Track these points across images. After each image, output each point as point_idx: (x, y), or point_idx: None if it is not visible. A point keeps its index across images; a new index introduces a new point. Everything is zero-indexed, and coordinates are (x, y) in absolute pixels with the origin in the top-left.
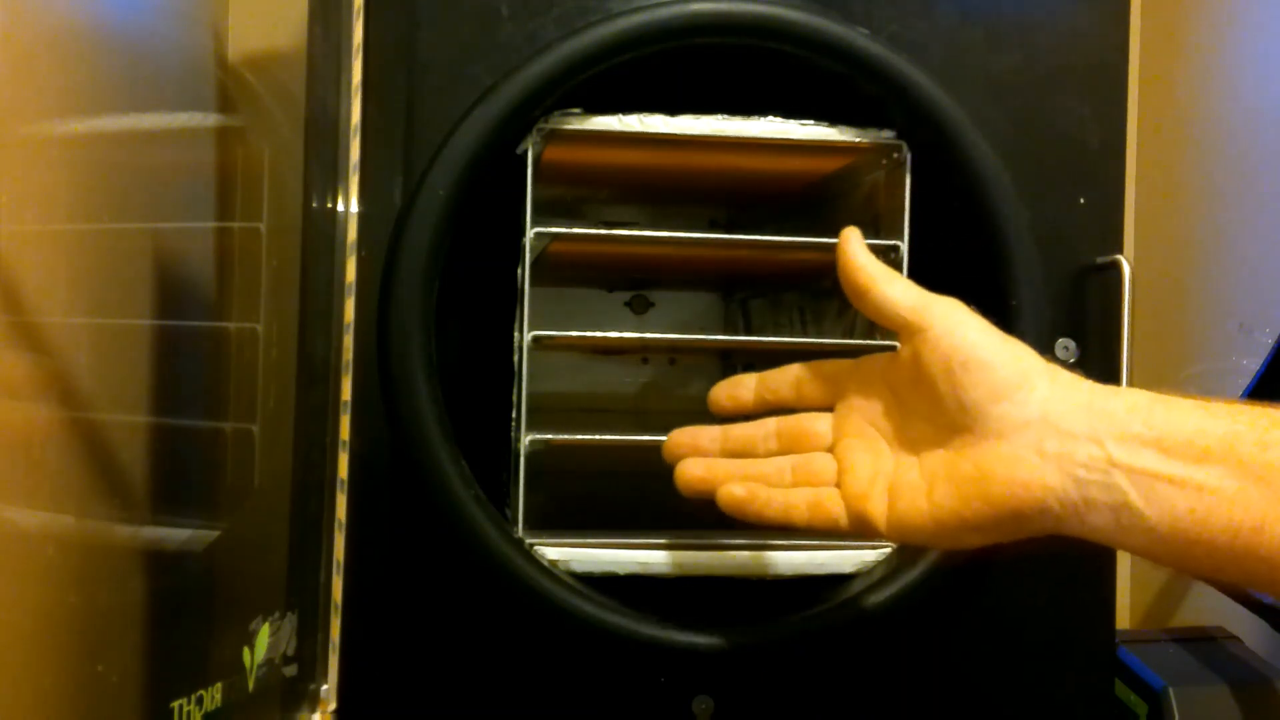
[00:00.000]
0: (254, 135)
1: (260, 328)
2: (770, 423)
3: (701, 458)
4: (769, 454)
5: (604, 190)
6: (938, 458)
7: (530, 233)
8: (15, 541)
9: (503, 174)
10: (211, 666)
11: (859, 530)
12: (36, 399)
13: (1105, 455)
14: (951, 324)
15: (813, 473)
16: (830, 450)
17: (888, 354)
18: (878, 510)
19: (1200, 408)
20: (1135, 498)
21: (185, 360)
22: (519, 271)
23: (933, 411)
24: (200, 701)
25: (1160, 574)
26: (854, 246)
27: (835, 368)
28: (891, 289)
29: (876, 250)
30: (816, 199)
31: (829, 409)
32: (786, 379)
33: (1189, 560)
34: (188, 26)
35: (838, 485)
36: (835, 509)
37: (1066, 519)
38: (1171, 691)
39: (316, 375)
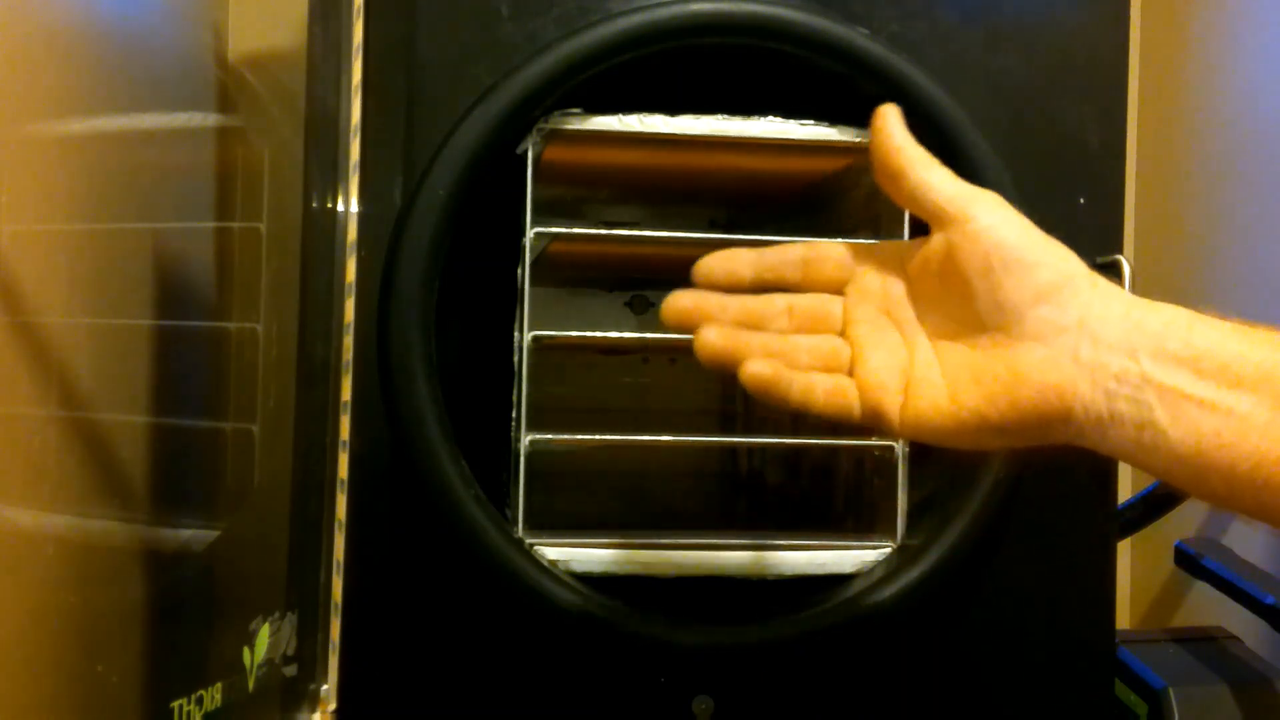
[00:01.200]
0: (254, 135)
1: (260, 328)
2: (781, 299)
3: (722, 327)
4: (782, 332)
5: (604, 190)
6: (962, 354)
7: (530, 233)
8: (15, 541)
9: (503, 174)
10: (211, 666)
11: (871, 422)
12: (36, 399)
13: (1139, 370)
14: (995, 219)
15: (827, 355)
16: (841, 335)
17: (912, 242)
18: (892, 404)
19: (1240, 332)
20: (1161, 415)
21: (185, 360)
22: (519, 271)
23: (959, 307)
24: (200, 701)
25: (1160, 574)
26: (892, 125)
27: (848, 250)
28: (932, 174)
29: None
30: (816, 199)
31: (838, 293)
32: (790, 258)
33: (1205, 485)
34: (188, 26)
35: (850, 374)
36: (851, 397)
37: (1089, 430)
38: (1171, 691)
39: (316, 375)
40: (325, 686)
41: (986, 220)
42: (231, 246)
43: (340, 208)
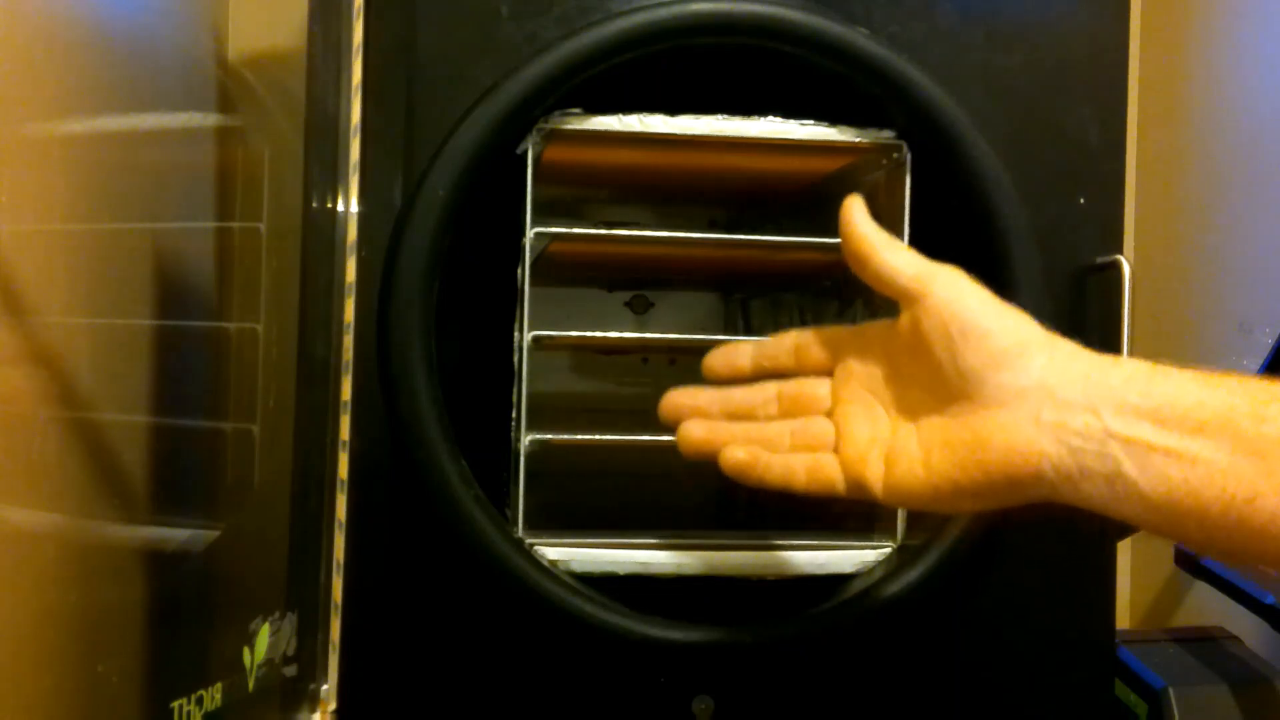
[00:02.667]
0: (254, 135)
1: (260, 328)
2: (770, 387)
3: (703, 420)
4: (768, 418)
5: (604, 190)
6: (935, 424)
7: (530, 233)
8: (15, 541)
9: (503, 174)
10: (211, 666)
11: (856, 494)
12: (36, 399)
13: (1101, 425)
14: (952, 292)
15: (812, 437)
16: (829, 415)
17: (886, 322)
18: (874, 475)
19: (1198, 380)
20: (1129, 467)
21: (185, 360)
22: (519, 271)
23: (931, 379)
24: (200, 701)
25: (1160, 574)
26: (857, 215)
27: (834, 334)
28: (893, 257)
29: None
30: (816, 199)
31: (828, 374)
32: (785, 346)
33: (1181, 530)
34: (188, 26)
35: (835, 450)
36: (833, 473)
37: (1061, 486)
38: (1171, 691)
39: (316, 375)
40: (325, 686)
41: (944, 294)
42: (231, 246)
43: (340, 208)
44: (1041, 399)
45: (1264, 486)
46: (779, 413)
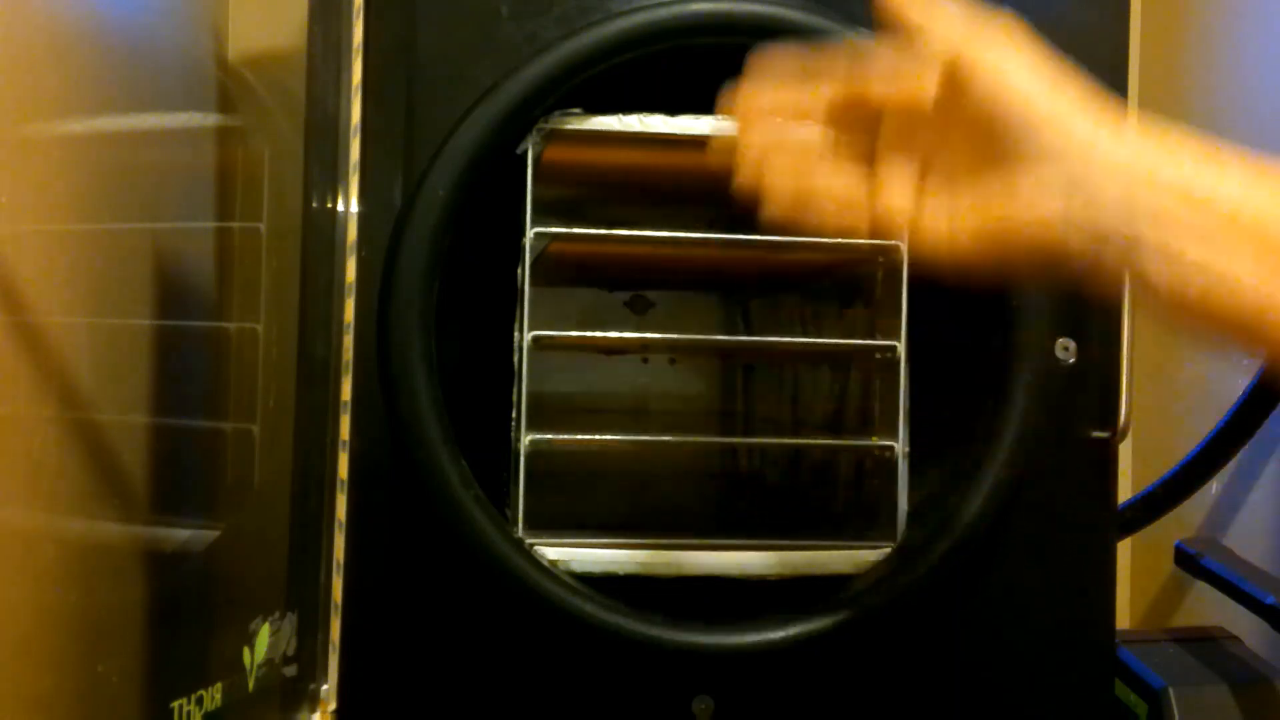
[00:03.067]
0: (254, 135)
1: (260, 328)
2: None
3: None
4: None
5: (604, 190)
6: (966, 181)
7: (530, 233)
8: (15, 541)
9: (503, 174)
10: (211, 666)
11: (879, 233)
12: (36, 399)
13: (1131, 204)
14: (996, 62)
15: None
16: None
17: (918, 81)
18: (901, 224)
19: (1244, 175)
20: (1151, 265)
21: (185, 360)
22: (519, 271)
23: (966, 140)
24: (200, 701)
25: (1160, 574)
26: None
27: (860, 94)
28: (933, 22)
29: (876, 250)
30: None
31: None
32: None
33: (1194, 329)
34: (188, 26)
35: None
36: (861, 214)
37: (1081, 259)
38: (1171, 691)
39: (316, 375)
40: (325, 686)
41: (990, 66)
42: (231, 246)
43: (340, 208)
44: (1077, 170)
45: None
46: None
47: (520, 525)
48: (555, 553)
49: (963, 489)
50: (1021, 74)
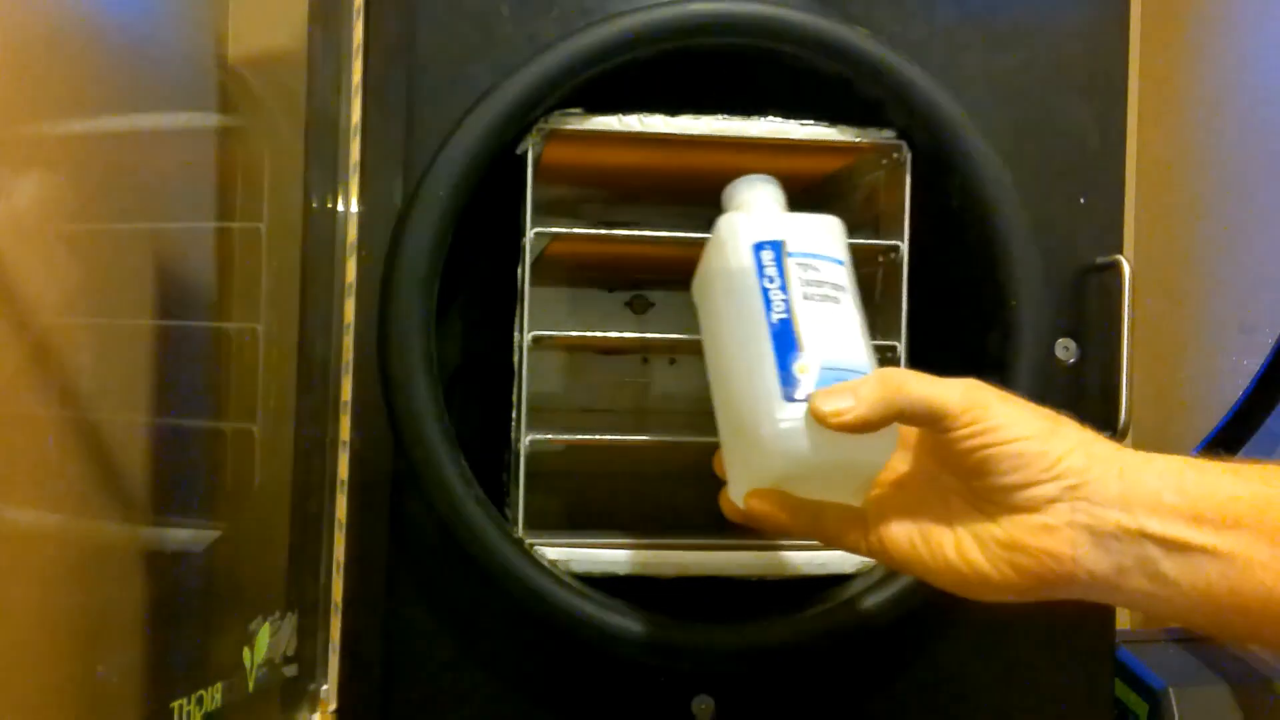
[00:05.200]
0: (254, 135)
1: (260, 328)
2: None
3: None
4: None
5: (604, 190)
6: (966, 516)
7: (530, 233)
8: (15, 541)
9: (503, 174)
10: (211, 666)
11: (881, 560)
12: (36, 399)
13: (1137, 525)
14: (976, 416)
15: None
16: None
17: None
18: (905, 548)
19: (1231, 472)
20: (1167, 567)
21: (185, 360)
22: (519, 271)
23: (962, 485)
24: (200, 701)
25: None
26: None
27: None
28: (916, 398)
29: (876, 250)
30: (816, 199)
31: None
32: None
33: (1225, 626)
34: (188, 26)
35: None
36: (859, 539)
37: (1096, 588)
38: (1171, 691)
39: (316, 375)
40: (325, 686)
41: (967, 420)
42: (231, 246)
43: (340, 208)
44: (1075, 502)
45: None
46: None
47: (520, 525)
48: (555, 553)
49: None
50: (998, 417)
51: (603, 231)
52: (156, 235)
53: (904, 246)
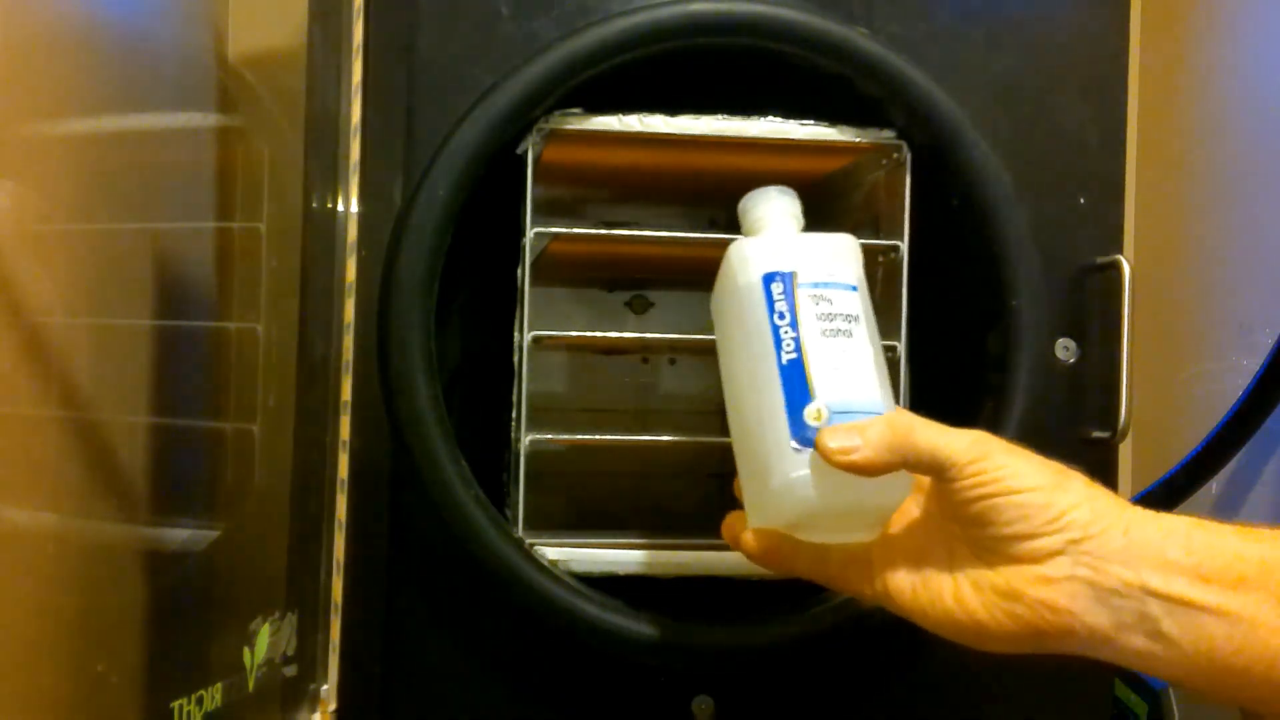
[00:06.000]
0: (254, 135)
1: (260, 328)
2: None
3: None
4: None
5: (604, 190)
6: (967, 564)
7: (530, 233)
8: (15, 541)
9: (503, 174)
10: (211, 666)
11: (883, 602)
12: (36, 399)
13: (1140, 582)
14: (982, 467)
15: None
16: None
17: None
18: (904, 591)
19: (1238, 533)
20: (1169, 625)
21: (185, 360)
22: (519, 271)
23: (966, 534)
24: (200, 701)
25: None
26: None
27: None
28: (925, 450)
29: (876, 250)
30: (816, 199)
31: None
32: None
33: (1226, 689)
34: (188, 26)
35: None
36: (863, 583)
37: (1094, 644)
38: (1171, 691)
39: (316, 375)
40: (325, 686)
41: (973, 472)
42: (231, 246)
43: (340, 208)
44: (1078, 556)
45: None
46: None
47: (520, 525)
48: (555, 553)
49: None
50: (1005, 469)
51: (603, 231)
52: (156, 235)
53: (904, 246)
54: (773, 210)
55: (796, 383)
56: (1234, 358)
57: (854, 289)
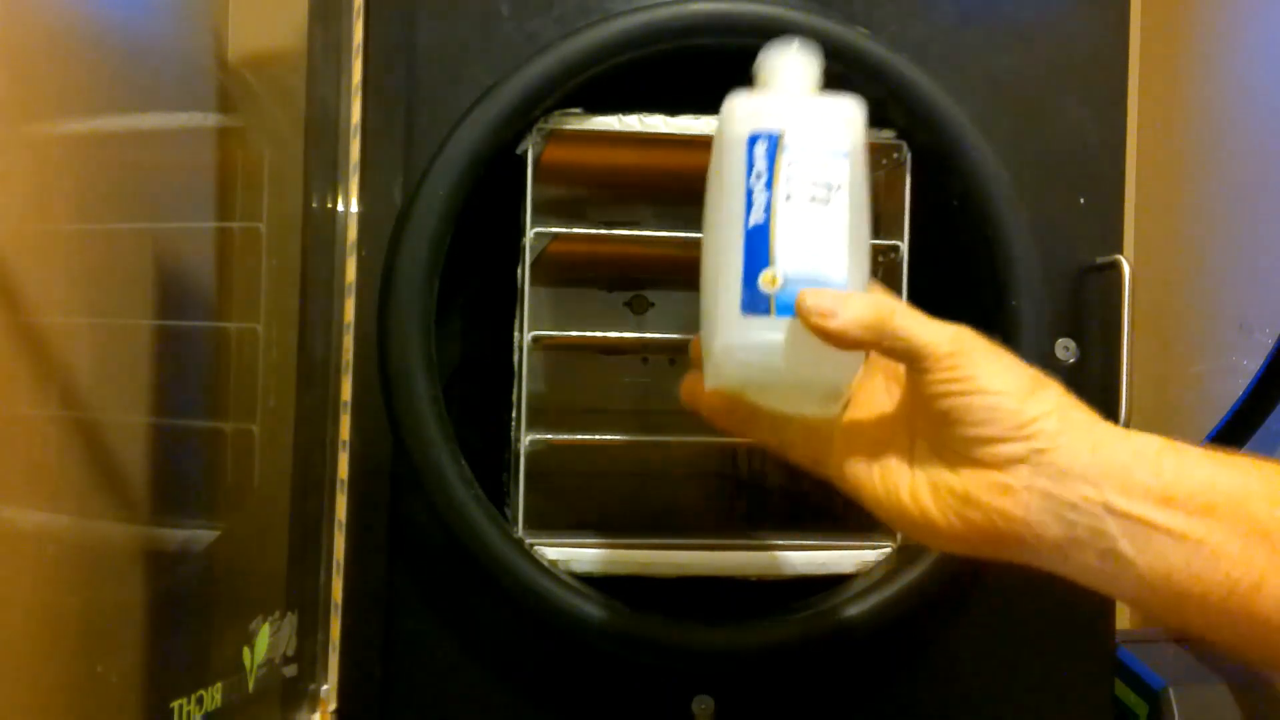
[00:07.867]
0: (254, 135)
1: (260, 328)
2: None
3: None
4: None
5: (604, 190)
6: (927, 461)
7: (530, 233)
8: (15, 541)
9: (503, 174)
10: (211, 666)
11: (837, 483)
12: (36, 399)
13: (1101, 499)
14: (959, 362)
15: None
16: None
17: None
18: (866, 475)
19: (1211, 458)
20: (1125, 545)
21: (185, 360)
22: (519, 271)
23: (930, 428)
24: (200, 701)
25: None
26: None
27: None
28: (906, 330)
29: (876, 250)
30: None
31: None
32: None
33: (1178, 613)
34: (188, 26)
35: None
36: (826, 448)
37: (1046, 554)
38: (1171, 691)
39: (316, 375)
40: (325, 686)
41: (950, 364)
42: (231, 246)
43: (340, 208)
44: (1040, 466)
45: (1273, 574)
46: None
47: (520, 525)
48: (555, 552)
49: None
50: (981, 366)
51: (603, 231)
52: (156, 235)
53: (904, 246)
54: (783, 65)
55: (759, 247)
56: (1234, 358)
57: (845, 156)
